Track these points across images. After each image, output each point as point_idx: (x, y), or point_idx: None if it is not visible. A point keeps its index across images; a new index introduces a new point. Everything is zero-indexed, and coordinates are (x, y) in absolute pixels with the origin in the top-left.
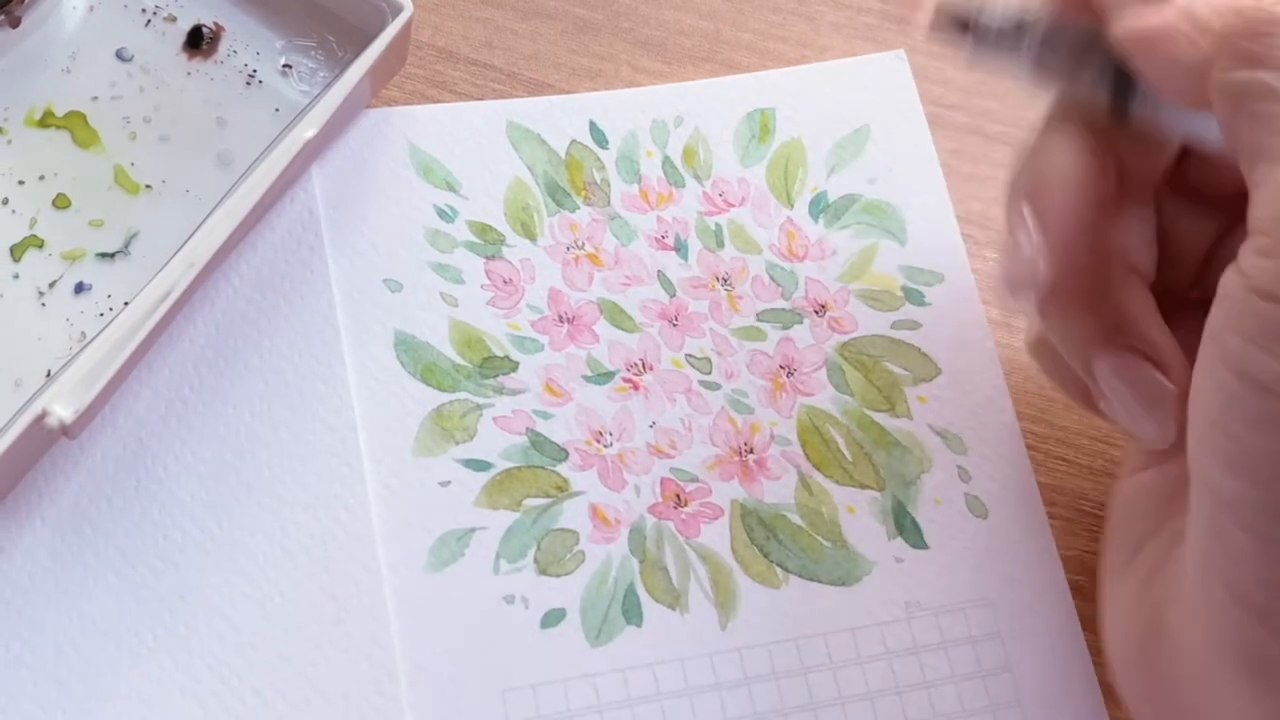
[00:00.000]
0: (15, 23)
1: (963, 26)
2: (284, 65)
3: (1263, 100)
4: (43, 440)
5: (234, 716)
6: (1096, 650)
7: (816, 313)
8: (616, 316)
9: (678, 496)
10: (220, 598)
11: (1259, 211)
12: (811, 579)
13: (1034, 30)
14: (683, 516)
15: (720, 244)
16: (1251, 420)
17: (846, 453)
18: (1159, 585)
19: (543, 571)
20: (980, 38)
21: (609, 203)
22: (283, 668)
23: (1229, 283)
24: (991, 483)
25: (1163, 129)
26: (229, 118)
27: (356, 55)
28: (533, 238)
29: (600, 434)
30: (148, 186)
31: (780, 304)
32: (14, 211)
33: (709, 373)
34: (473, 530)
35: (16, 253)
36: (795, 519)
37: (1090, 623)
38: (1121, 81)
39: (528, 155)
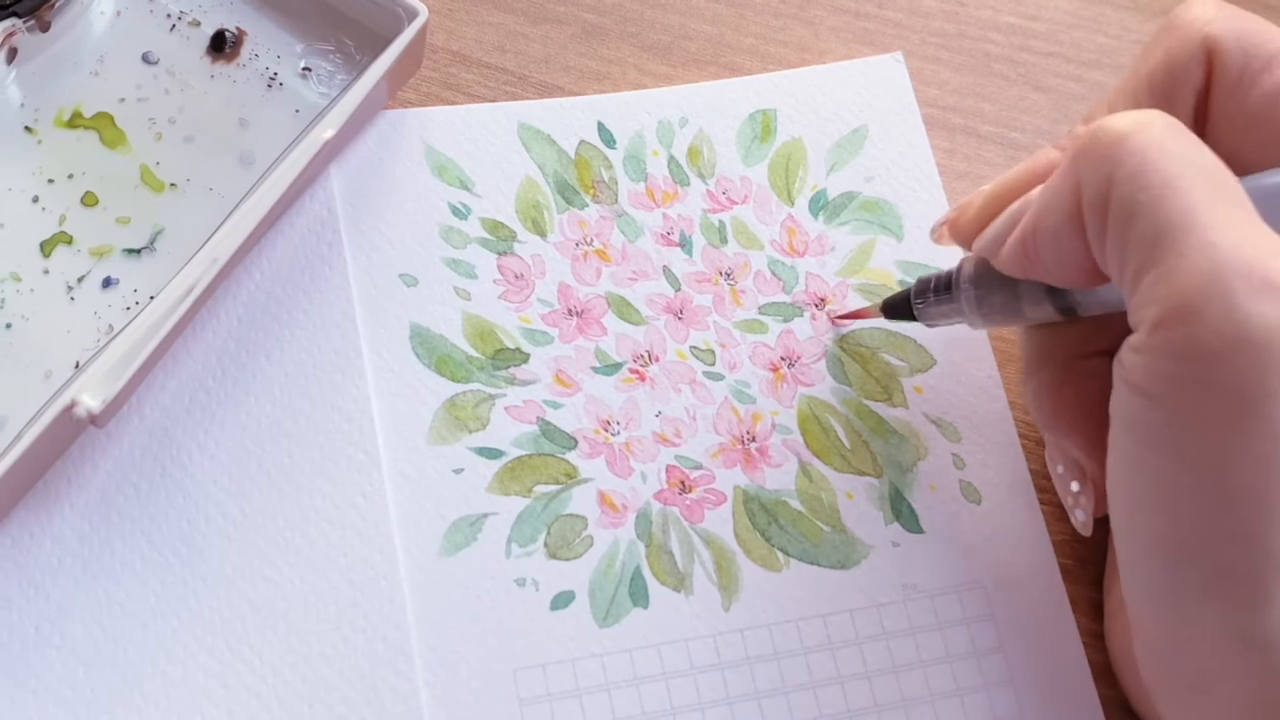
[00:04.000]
0: (45, 27)
1: (906, 304)
2: (304, 68)
3: (1120, 225)
4: (72, 429)
5: (255, 695)
6: (1086, 631)
7: (816, 306)
8: (624, 310)
9: (683, 483)
10: (242, 581)
11: (1134, 315)
12: (811, 562)
13: (962, 281)
14: (687, 502)
15: (724, 240)
16: (1135, 498)
17: (845, 441)
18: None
19: (552, 555)
20: (922, 308)
21: (616, 200)
22: (302, 648)
23: (1115, 378)
24: (985, 470)
25: (1112, 305)
26: (251, 119)
27: (374, 59)
28: (543, 234)
29: (608, 423)
30: (172, 185)
31: (781, 298)
32: (44, 209)
33: (713, 364)
34: (485, 516)
35: (46, 249)
36: (796, 505)
37: (1080, 605)
38: (1053, 291)
39: (538, 155)
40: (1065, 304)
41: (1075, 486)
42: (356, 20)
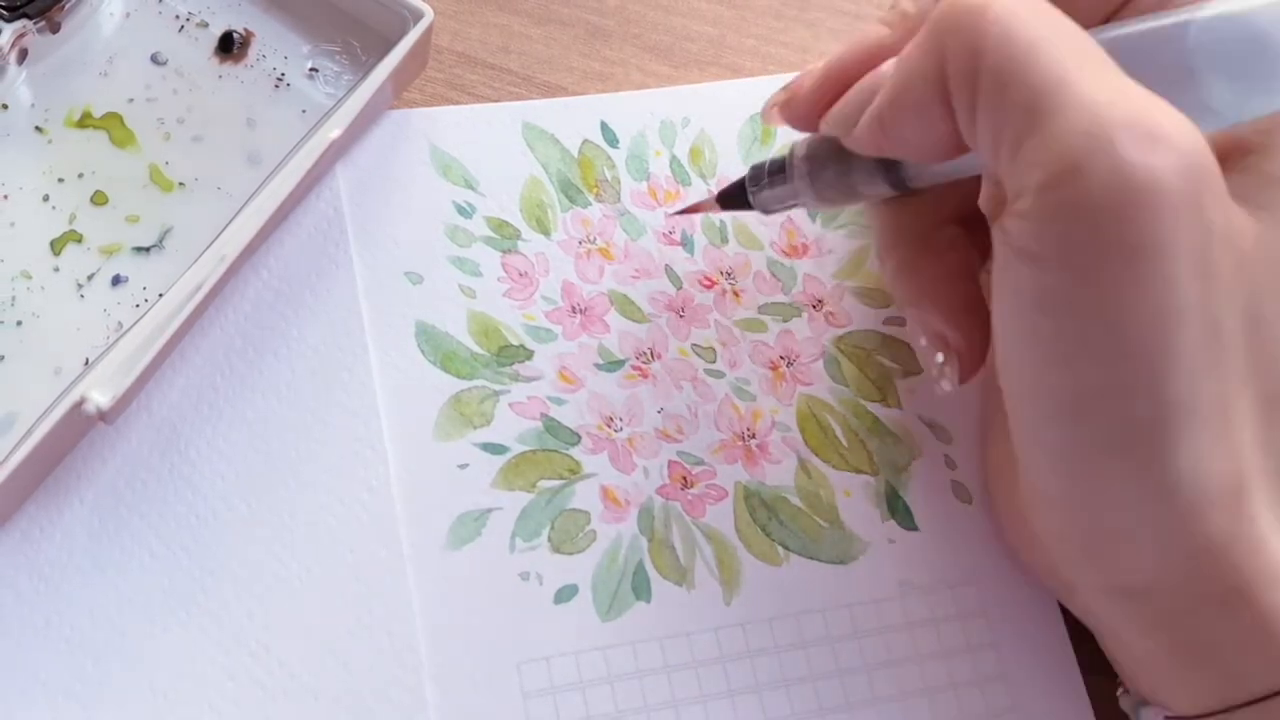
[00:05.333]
0: (55, 28)
1: (741, 193)
2: (311, 69)
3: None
4: (81, 425)
5: (262, 688)
6: (1075, 627)
7: (814, 307)
8: (626, 308)
9: (684, 479)
10: (249, 575)
11: (1019, 172)
12: (811, 558)
13: (795, 161)
14: (689, 498)
15: (724, 240)
16: (1032, 363)
17: (843, 439)
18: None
19: (556, 550)
20: (757, 194)
21: (619, 200)
22: (309, 641)
23: (996, 247)
24: (976, 471)
25: (943, 175)
26: (258, 119)
27: (379, 59)
28: (547, 233)
29: (611, 419)
30: (181, 184)
31: (780, 298)
32: (54, 208)
33: (713, 362)
34: (489, 510)
35: (56, 247)
36: (795, 501)
37: None
38: (886, 165)
39: (542, 154)
40: (898, 178)
41: (940, 358)
42: (362, 22)
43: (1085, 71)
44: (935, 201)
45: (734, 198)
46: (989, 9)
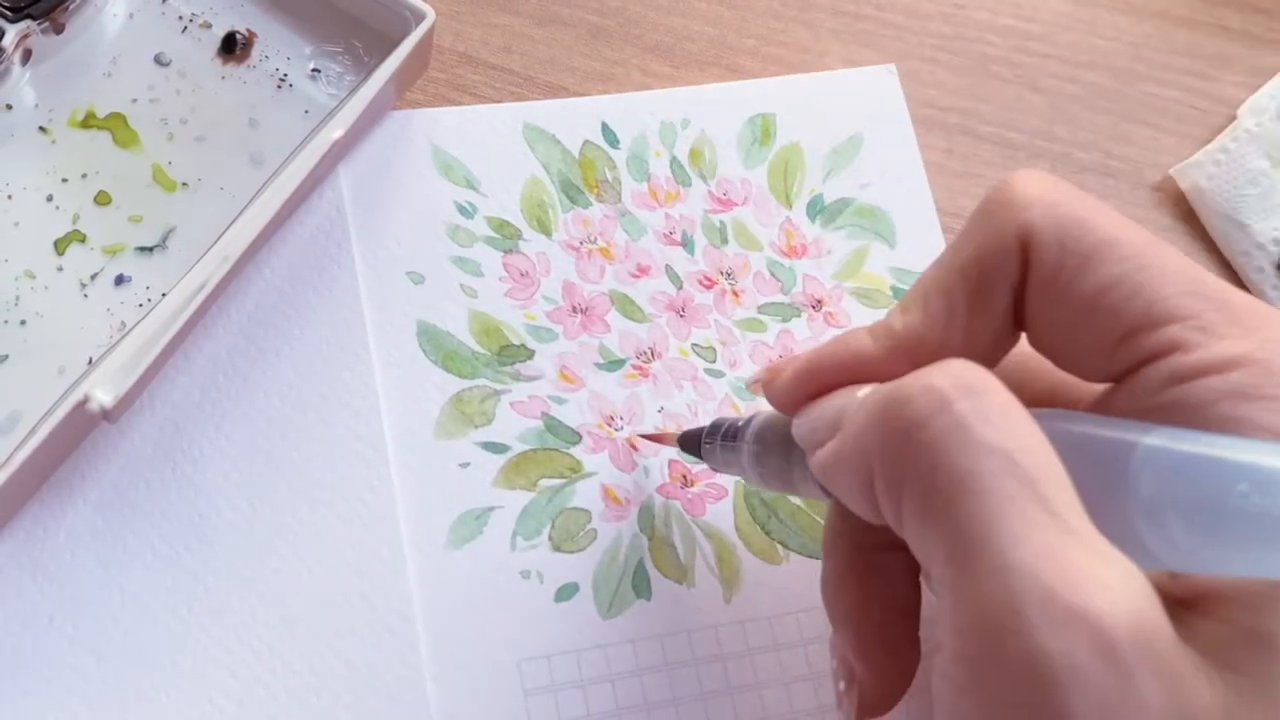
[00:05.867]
0: (59, 29)
1: (697, 446)
2: (313, 69)
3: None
4: (84, 424)
5: (264, 686)
6: None
7: (813, 308)
8: (627, 307)
9: (684, 477)
10: (252, 573)
11: (943, 624)
12: (811, 556)
13: (747, 435)
14: (689, 496)
15: (724, 240)
16: None
17: None
18: None
19: (557, 548)
20: (709, 449)
21: (620, 200)
22: (311, 640)
23: (936, 689)
24: None
25: None
26: (261, 119)
27: (381, 60)
28: (548, 233)
29: (611, 418)
30: (184, 184)
31: (780, 298)
32: (58, 208)
33: (714, 361)
34: (491, 509)
35: (60, 246)
36: (795, 500)
37: None
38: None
39: (543, 155)
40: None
41: (842, 686)
42: (365, 22)
43: (1017, 522)
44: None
45: (692, 443)
46: (922, 429)
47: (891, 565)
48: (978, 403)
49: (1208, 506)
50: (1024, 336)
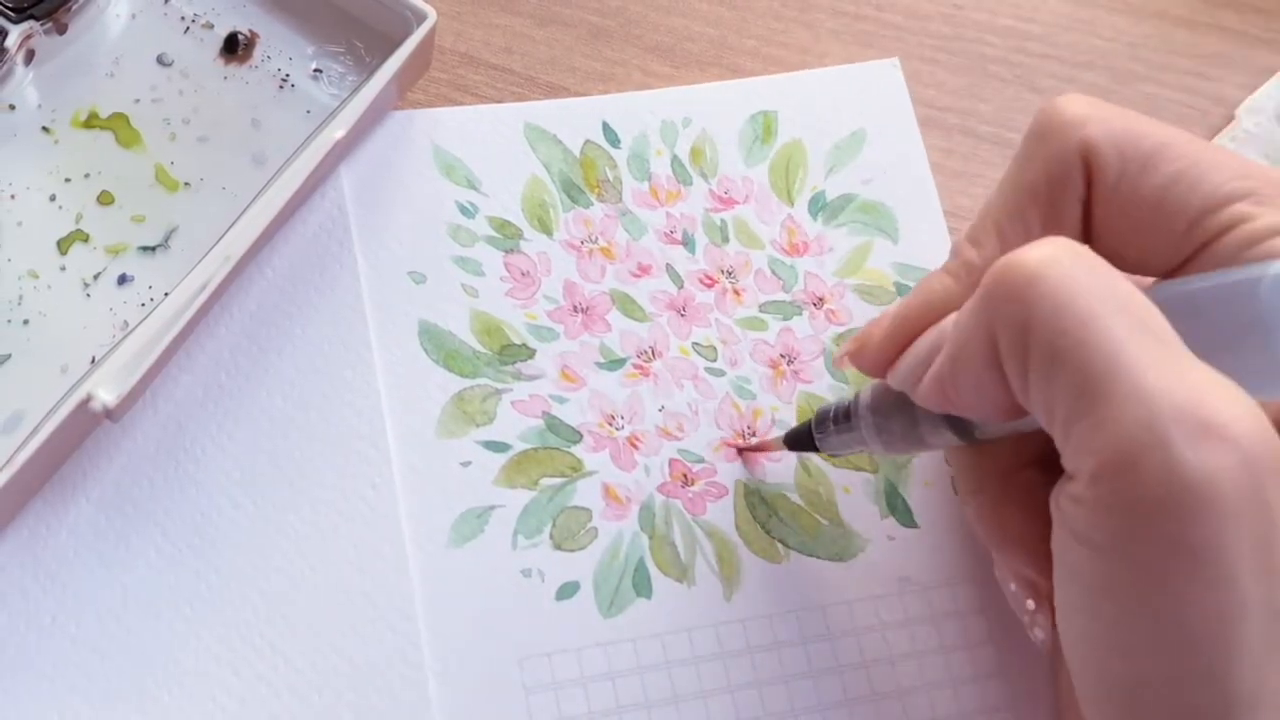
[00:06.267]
0: (62, 29)
1: (808, 436)
2: (315, 70)
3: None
4: (87, 423)
5: (266, 684)
6: None
7: (815, 305)
8: (627, 307)
9: (685, 476)
10: (254, 572)
11: (1074, 457)
12: (810, 554)
13: (860, 411)
14: (690, 495)
15: (725, 239)
16: (1090, 640)
17: None
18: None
19: (558, 547)
20: (824, 439)
21: (621, 199)
22: (313, 638)
23: (1054, 521)
24: None
25: (1010, 430)
26: (263, 119)
27: (383, 60)
28: (549, 232)
29: (612, 417)
30: (186, 184)
31: (781, 296)
32: (61, 207)
33: (714, 360)
34: (492, 508)
35: (63, 246)
36: (795, 498)
37: None
38: (952, 418)
39: (544, 154)
40: (965, 430)
41: (1031, 605)
42: (366, 23)
43: (1141, 351)
44: (1013, 445)
45: (801, 439)
46: (1039, 280)
47: (1033, 480)
48: (1083, 259)
49: None
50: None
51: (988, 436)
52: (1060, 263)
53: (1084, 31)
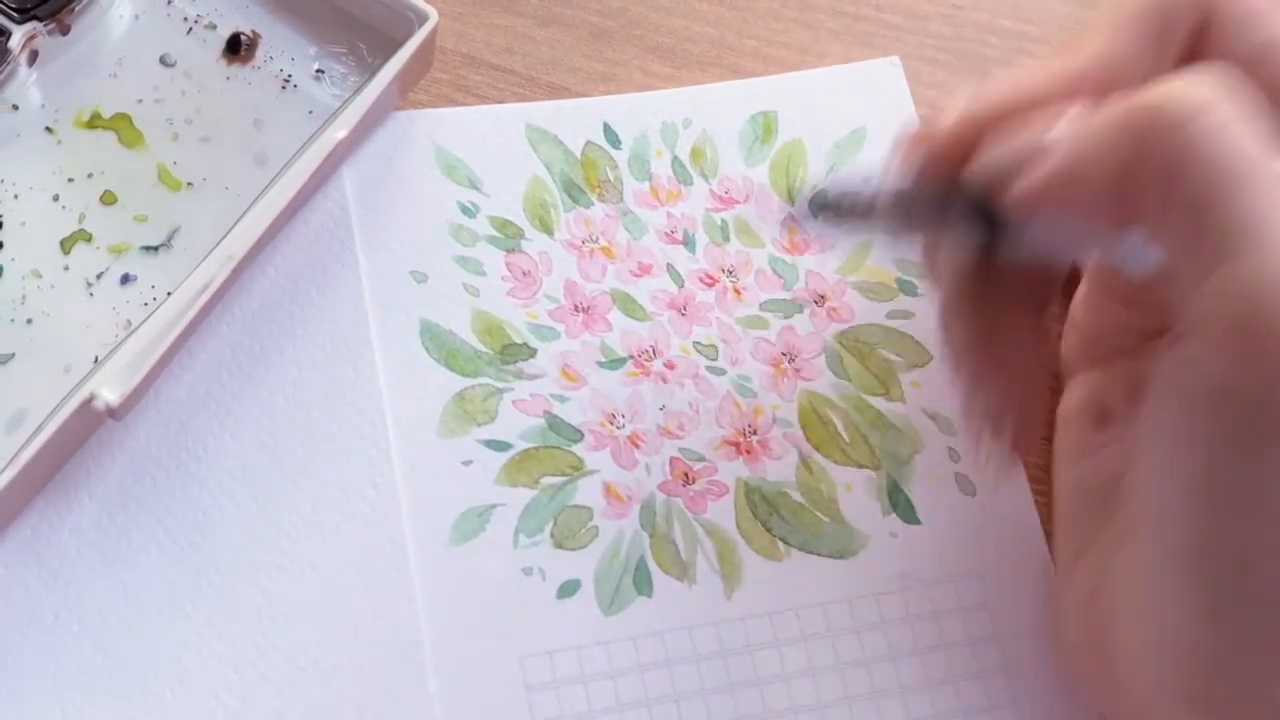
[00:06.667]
0: (65, 30)
1: (817, 212)
2: (317, 70)
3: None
4: (90, 422)
5: (268, 682)
6: None
7: (816, 303)
8: (628, 306)
9: (686, 475)
10: (256, 570)
11: (1201, 312)
12: (811, 552)
13: (882, 198)
14: (691, 494)
15: (726, 238)
16: (1204, 510)
17: (844, 434)
18: (1105, 601)
19: (559, 545)
20: (830, 216)
21: (621, 199)
22: (314, 636)
23: (1158, 382)
24: (979, 463)
25: (1028, 254)
26: (265, 119)
27: (385, 61)
28: (550, 232)
29: (613, 416)
30: (189, 184)
31: (782, 295)
32: (64, 207)
33: (715, 359)
34: (493, 507)
35: (66, 246)
36: (796, 496)
37: None
38: (986, 224)
39: (545, 155)
40: (994, 240)
41: (986, 440)
42: (368, 23)
43: None
44: (1025, 280)
45: (813, 206)
46: (1195, 121)
47: (1030, 323)
48: (1237, 103)
49: None
50: None
51: (1015, 254)
52: (1217, 109)
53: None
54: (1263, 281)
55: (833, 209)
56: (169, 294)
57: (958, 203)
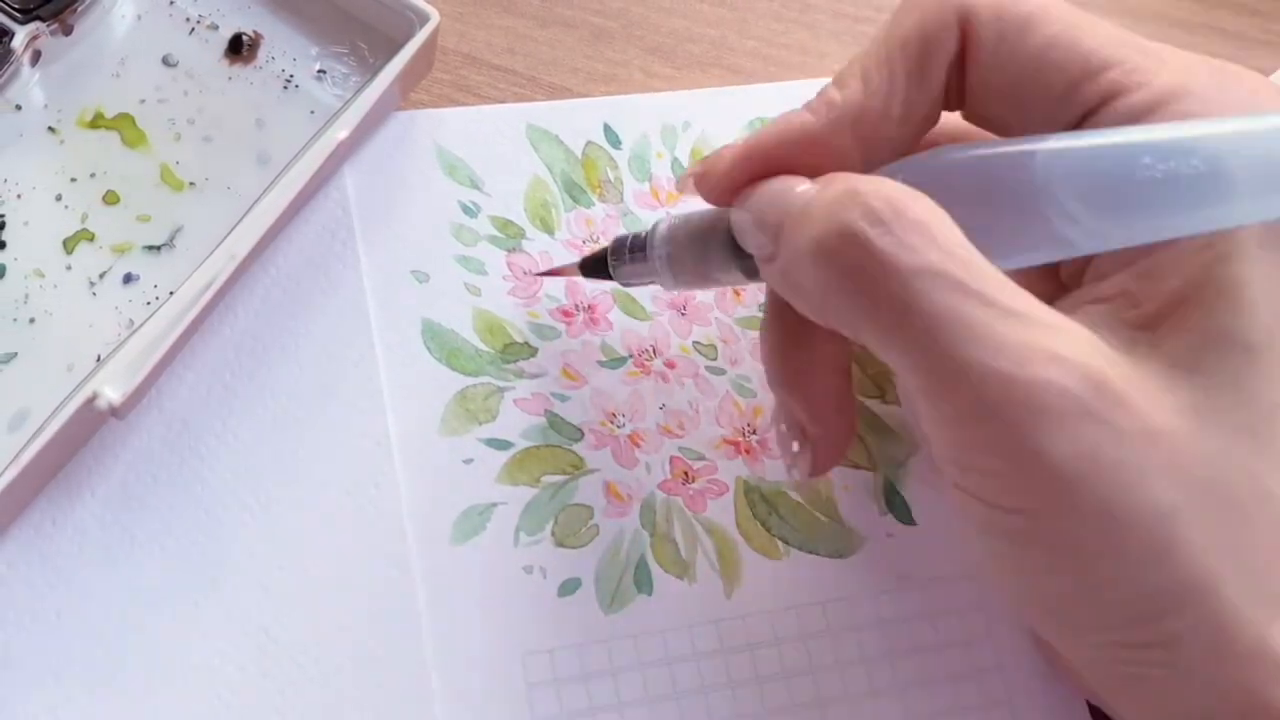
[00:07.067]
0: (68, 30)
1: (604, 266)
2: (319, 70)
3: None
4: (93, 421)
5: (270, 679)
6: None
7: None
8: (629, 306)
9: (686, 474)
10: (258, 568)
11: (924, 420)
12: (810, 551)
13: (655, 241)
14: (690, 492)
15: None
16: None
17: None
18: None
19: (560, 543)
20: (618, 267)
21: (622, 200)
22: (316, 634)
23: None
24: None
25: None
26: (267, 119)
27: (387, 61)
28: (551, 232)
29: (613, 415)
30: (191, 184)
31: None
32: (67, 207)
33: (715, 359)
34: (494, 505)
35: (69, 245)
36: (794, 495)
37: None
38: (741, 255)
39: (546, 155)
40: (752, 269)
41: (795, 447)
42: (370, 24)
43: (960, 325)
44: None
45: (596, 266)
46: (859, 271)
47: (828, 337)
48: (895, 229)
49: (1117, 182)
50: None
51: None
52: (871, 245)
53: None
54: (953, 408)
55: (609, 254)
56: (171, 293)
57: (710, 247)
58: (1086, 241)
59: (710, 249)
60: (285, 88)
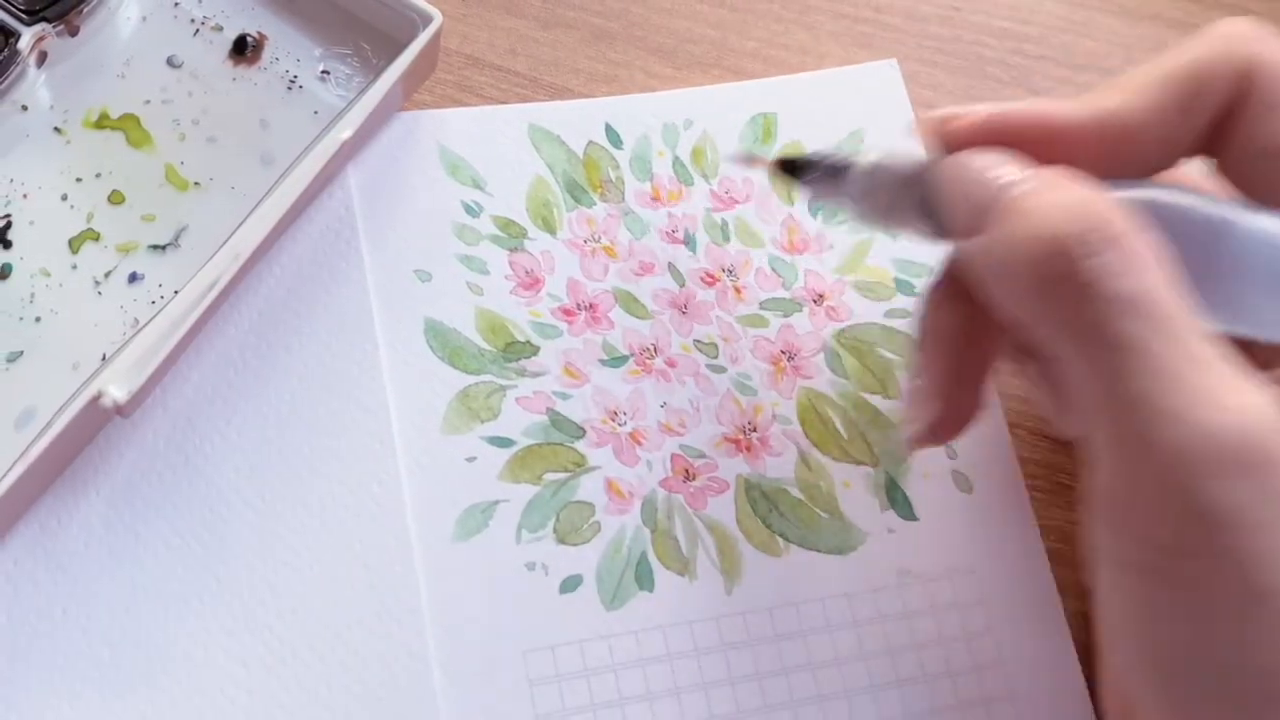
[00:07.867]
0: (74, 31)
1: (794, 171)
2: (322, 71)
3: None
4: (98, 419)
5: (274, 676)
6: (1072, 614)
7: (815, 302)
8: (630, 304)
9: (687, 471)
10: (262, 566)
11: (1100, 465)
12: (810, 548)
13: (857, 171)
14: (691, 490)
15: (726, 238)
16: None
17: (843, 431)
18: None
19: (561, 541)
20: (812, 176)
21: (623, 199)
22: (320, 631)
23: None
24: (975, 459)
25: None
26: (271, 120)
27: (390, 62)
28: (552, 231)
29: (615, 413)
30: (196, 184)
31: (781, 294)
32: (72, 207)
33: (715, 357)
34: (496, 503)
35: (75, 245)
36: (795, 492)
37: (1066, 588)
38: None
39: (548, 155)
40: (939, 231)
41: (916, 419)
42: (373, 25)
43: (1157, 366)
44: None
45: (789, 167)
46: (1068, 280)
47: (990, 323)
48: (1113, 254)
49: None
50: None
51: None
52: (1087, 262)
53: (1079, 34)
54: (1142, 453)
55: (804, 164)
56: (176, 292)
57: (915, 190)
58: (1272, 330)
59: (902, 199)
60: (289, 88)
